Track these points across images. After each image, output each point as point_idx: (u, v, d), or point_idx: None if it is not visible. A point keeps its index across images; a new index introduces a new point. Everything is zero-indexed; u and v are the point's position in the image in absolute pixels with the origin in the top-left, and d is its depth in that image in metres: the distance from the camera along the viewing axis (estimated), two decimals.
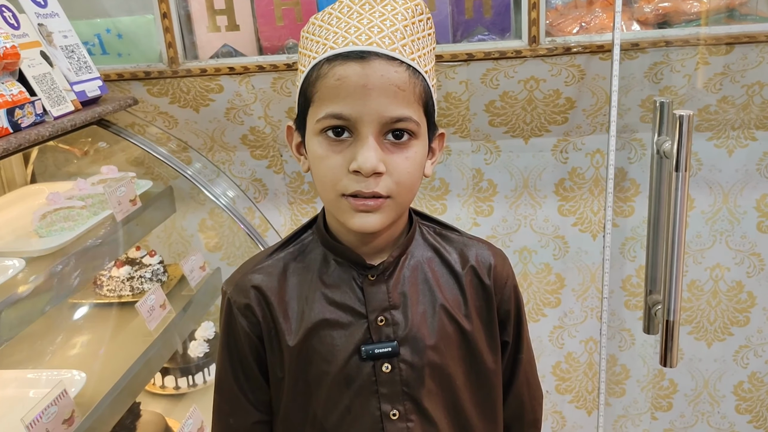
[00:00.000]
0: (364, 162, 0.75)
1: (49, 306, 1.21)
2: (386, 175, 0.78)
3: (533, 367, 1.01)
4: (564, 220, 1.86)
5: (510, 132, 1.76)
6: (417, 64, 0.79)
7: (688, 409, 1.99)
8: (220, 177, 1.88)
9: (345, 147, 0.78)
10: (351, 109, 0.76)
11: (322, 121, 0.78)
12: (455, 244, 0.93)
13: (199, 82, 1.66)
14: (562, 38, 1.54)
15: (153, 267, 1.63)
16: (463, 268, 0.91)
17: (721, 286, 1.87)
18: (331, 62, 0.77)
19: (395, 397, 0.87)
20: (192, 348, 1.72)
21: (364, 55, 0.76)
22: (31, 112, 1.29)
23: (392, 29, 0.78)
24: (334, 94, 0.77)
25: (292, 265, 0.90)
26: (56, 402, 1.06)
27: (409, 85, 0.77)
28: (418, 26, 0.81)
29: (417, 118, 0.79)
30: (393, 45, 0.77)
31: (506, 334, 0.95)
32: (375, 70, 0.75)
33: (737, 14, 1.55)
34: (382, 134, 0.78)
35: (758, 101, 1.65)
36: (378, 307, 0.86)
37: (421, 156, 0.82)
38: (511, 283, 0.94)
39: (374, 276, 0.87)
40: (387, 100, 0.76)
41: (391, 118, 0.76)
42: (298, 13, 1.59)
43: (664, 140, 1.41)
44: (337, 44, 0.77)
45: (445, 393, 0.90)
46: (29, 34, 1.40)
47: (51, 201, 1.37)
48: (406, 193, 0.81)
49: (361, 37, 0.76)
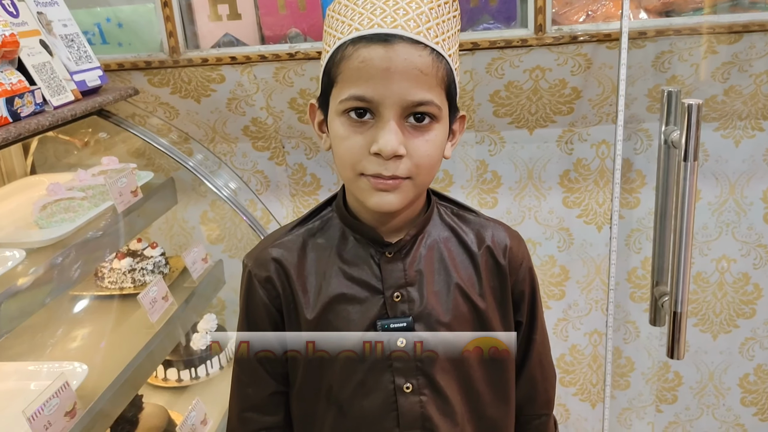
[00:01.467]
0: (385, 145, 0.77)
1: (49, 298, 1.19)
2: (406, 158, 0.79)
3: (547, 348, 1.02)
4: (569, 212, 1.84)
5: (515, 123, 1.74)
6: (441, 48, 0.79)
7: (693, 402, 1.98)
8: (221, 168, 1.86)
9: (367, 128, 0.79)
10: (373, 91, 0.77)
11: (344, 102, 0.79)
12: (472, 225, 0.94)
13: (201, 72, 1.64)
14: (568, 27, 1.52)
15: (155, 259, 1.61)
16: (479, 248, 0.92)
17: (727, 278, 1.86)
18: (356, 44, 0.78)
19: (409, 371, 0.89)
20: (194, 340, 1.70)
21: (389, 38, 0.76)
22: (31, 102, 1.27)
23: (417, 12, 0.78)
24: (357, 76, 0.77)
25: (311, 240, 0.92)
26: (58, 394, 1.05)
27: (432, 69, 0.78)
28: (443, 8, 0.81)
29: (439, 101, 0.79)
30: (418, 28, 0.77)
31: (520, 315, 0.96)
32: (399, 54, 0.76)
33: (745, 2, 1.53)
34: (404, 117, 0.79)
35: (766, 91, 1.63)
36: (394, 283, 0.88)
37: (442, 139, 0.82)
38: (526, 264, 0.95)
39: (391, 253, 0.88)
40: (409, 84, 0.77)
41: (413, 102, 0.77)
42: (301, 1, 1.57)
43: (672, 130, 1.39)
44: (362, 26, 0.78)
45: (458, 370, 0.91)
46: (28, 22, 1.38)
47: (51, 192, 1.36)
48: (425, 175, 0.82)
49: (386, 20, 0.77)
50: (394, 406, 0.89)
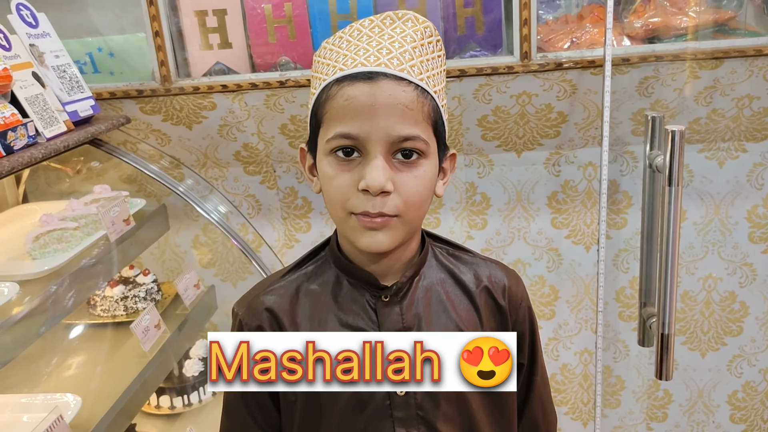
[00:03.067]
0: (372, 180, 0.76)
1: (44, 328, 1.19)
2: (394, 194, 0.78)
3: (548, 388, 1.01)
4: (557, 233, 1.87)
5: (503, 146, 1.77)
6: (426, 84, 0.80)
7: (683, 420, 2.00)
8: (213, 193, 1.87)
9: (354, 166, 0.79)
10: (359, 128, 0.77)
11: (331, 141, 0.79)
12: (468, 265, 0.93)
13: (192, 99, 1.66)
14: (553, 54, 1.55)
15: (147, 286, 1.62)
16: (477, 288, 0.91)
17: (714, 297, 1.89)
18: (340, 83, 0.78)
19: (410, 420, 0.86)
20: (187, 367, 1.70)
21: (372, 75, 0.77)
22: (24, 135, 1.28)
23: (401, 50, 0.79)
24: (342, 114, 0.78)
25: (305, 286, 0.90)
26: (52, 428, 1.05)
27: (417, 104, 0.78)
28: (427, 48, 0.82)
29: (425, 137, 0.79)
30: (401, 66, 0.78)
31: (521, 356, 0.94)
32: (383, 90, 0.76)
33: (726, 29, 1.57)
34: (391, 153, 0.78)
35: (748, 114, 1.67)
36: (392, 328, 0.86)
37: (431, 175, 0.82)
38: (525, 305, 0.94)
39: (387, 297, 0.87)
40: (395, 119, 0.77)
41: (399, 137, 0.77)
42: (291, 30, 1.60)
43: (657, 155, 1.42)
44: (346, 66, 0.79)
45: (462, 416, 0.89)
46: (21, 54, 1.39)
47: (44, 222, 1.36)
48: (414, 212, 0.81)
49: (369, 59, 0.78)
50: None
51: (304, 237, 1.93)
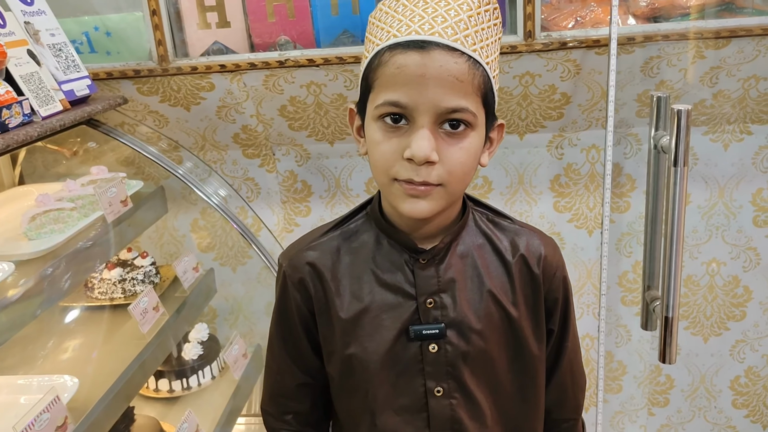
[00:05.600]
0: (418, 150, 0.77)
1: (40, 310, 1.18)
2: (439, 164, 0.79)
3: (578, 355, 1.03)
4: (560, 217, 1.85)
5: (505, 128, 1.74)
6: (478, 55, 0.79)
7: (684, 405, 1.99)
8: (211, 176, 1.85)
9: (401, 134, 0.79)
10: (408, 97, 0.77)
11: (380, 108, 0.80)
12: (507, 232, 0.94)
13: (190, 80, 1.64)
14: (557, 33, 1.53)
15: (145, 269, 1.60)
16: (513, 257, 0.92)
17: (717, 281, 1.87)
18: (393, 50, 0.78)
19: (440, 375, 0.90)
20: (186, 350, 1.69)
21: (425, 45, 0.77)
22: (19, 113, 1.26)
23: (456, 19, 0.78)
24: (392, 82, 0.78)
25: (346, 244, 0.93)
26: (49, 408, 1.04)
27: (468, 76, 0.78)
28: (483, 16, 0.81)
29: (474, 109, 0.79)
30: (455, 35, 0.77)
31: (552, 323, 0.96)
32: (434, 60, 0.76)
33: (733, 7, 1.54)
34: (438, 123, 0.79)
35: (754, 95, 1.64)
36: (427, 290, 0.89)
37: (476, 146, 0.82)
38: (560, 274, 0.95)
39: (425, 260, 0.89)
40: (444, 91, 0.77)
41: (447, 109, 0.77)
42: (290, 9, 1.57)
43: (662, 135, 1.40)
44: (400, 32, 0.79)
45: (488, 376, 0.92)
46: (15, 32, 1.37)
47: (40, 203, 1.34)
48: (457, 183, 0.82)
49: (423, 27, 0.77)
50: (425, 408, 0.91)
51: (304, 221, 1.91)
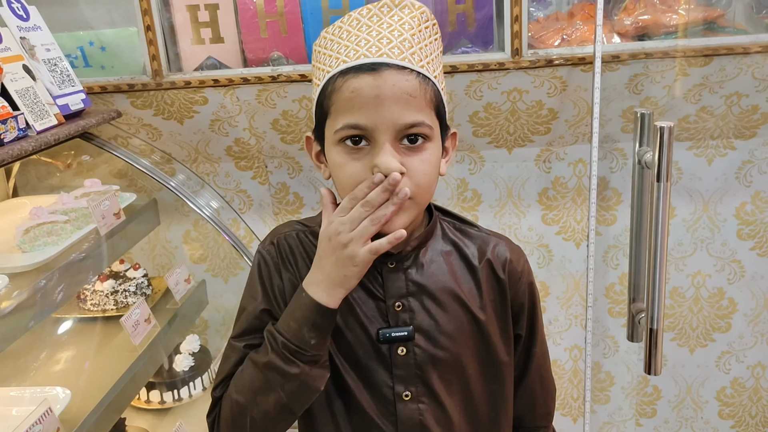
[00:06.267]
0: (387, 167, 0.79)
1: (33, 322, 1.19)
2: (405, 178, 0.81)
3: (547, 360, 1.04)
4: (548, 229, 1.87)
5: (494, 142, 1.78)
6: (426, 71, 0.82)
7: (672, 415, 2.01)
8: (204, 188, 1.87)
9: (364, 155, 0.82)
10: (366, 119, 0.80)
11: (339, 132, 0.82)
12: (474, 239, 0.97)
13: (184, 94, 1.66)
14: (544, 50, 1.56)
15: (137, 280, 1.61)
16: (480, 262, 0.95)
17: (702, 293, 1.90)
18: (345, 75, 0.81)
19: (408, 379, 0.91)
20: (177, 362, 1.70)
21: (376, 66, 0.80)
22: (14, 127, 1.28)
23: (401, 39, 0.81)
24: (349, 106, 0.81)
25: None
26: (41, 420, 1.05)
27: (420, 92, 0.81)
28: (425, 33, 0.84)
29: (430, 121, 0.83)
30: (402, 54, 0.81)
31: (519, 327, 0.98)
32: (386, 81, 0.79)
33: (715, 27, 1.58)
34: (398, 140, 0.82)
35: (736, 111, 1.68)
36: (396, 293, 0.91)
37: (436, 157, 0.85)
38: (526, 279, 0.98)
39: (393, 264, 0.91)
40: (400, 108, 0.80)
41: (405, 125, 0.81)
42: (283, 25, 1.60)
43: (646, 151, 1.43)
44: (349, 57, 0.81)
45: (457, 380, 0.94)
46: (11, 47, 1.39)
47: (34, 215, 1.36)
48: (424, 193, 0.85)
49: (371, 50, 0.81)
50: (392, 412, 0.92)
51: None
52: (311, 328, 0.84)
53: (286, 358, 0.84)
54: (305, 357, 0.84)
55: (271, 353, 0.85)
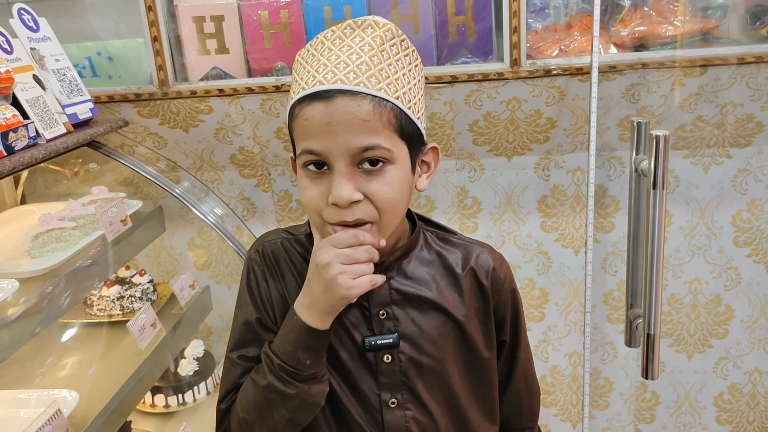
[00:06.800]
0: (339, 195, 0.80)
1: (41, 327, 1.22)
2: (365, 202, 0.82)
3: (531, 364, 1.06)
4: (547, 236, 1.90)
5: (493, 151, 1.81)
6: (384, 93, 0.82)
7: (670, 421, 2.03)
8: (208, 196, 1.90)
9: (324, 179, 0.83)
10: (320, 145, 0.81)
11: (301, 157, 0.84)
12: (457, 248, 0.98)
13: (189, 103, 1.69)
14: (542, 61, 1.59)
15: (143, 286, 1.64)
16: (463, 270, 0.96)
17: (699, 300, 1.92)
18: (301, 103, 0.83)
19: (394, 386, 0.93)
20: (182, 366, 1.73)
21: (329, 94, 0.81)
22: (25, 135, 1.31)
23: (357, 62, 0.81)
24: (305, 133, 0.83)
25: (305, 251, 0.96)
26: (50, 421, 1.07)
27: (374, 115, 0.81)
28: (388, 52, 0.84)
29: (388, 144, 0.82)
30: (357, 79, 0.81)
31: (503, 333, 1.00)
32: (337, 108, 0.80)
33: (710, 38, 1.61)
34: (355, 164, 0.82)
35: (732, 120, 1.71)
36: (380, 301, 0.92)
37: (399, 178, 0.85)
38: (508, 286, 0.99)
39: (377, 273, 0.91)
40: (352, 133, 0.80)
41: (358, 148, 0.81)
42: (286, 36, 1.63)
43: (642, 159, 1.46)
44: (308, 85, 0.82)
45: (443, 387, 0.95)
46: (22, 58, 1.42)
47: (43, 222, 1.39)
48: (390, 216, 0.85)
49: (327, 76, 0.81)
50: (379, 419, 0.93)
51: None
52: (305, 349, 0.86)
53: (284, 379, 0.87)
54: (303, 377, 0.87)
55: (269, 375, 0.88)
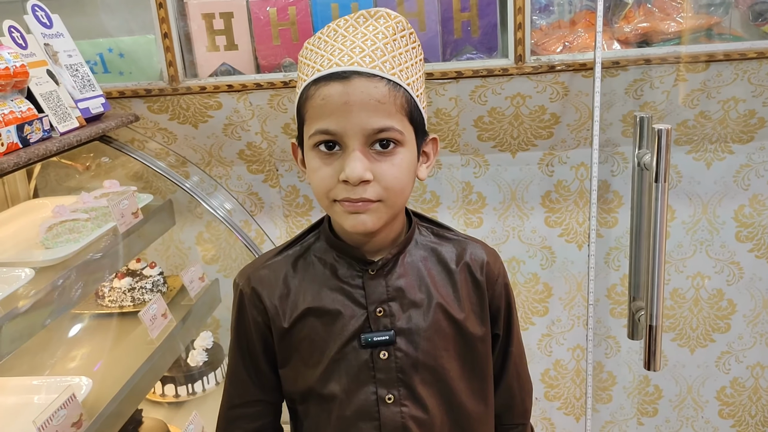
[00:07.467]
0: (351, 172, 0.83)
1: (54, 316, 1.24)
2: (375, 182, 0.85)
3: (523, 360, 1.08)
4: (551, 231, 1.92)
5: (498, 146, 1.83)
6: (398, 78, 0.85)
7: (672, 415, 2.05)
8: (217, 190, 1.93)
9: (335, 159, 0.85)
10: (336, 124, 0.83)
11: (313, 137, 0.86)
12: (451, 243, 1.01)
13: (199, 99, 1.72)
14: (546, 57, 1.61)
15: (153, 278, 1.67)
16: (458, 265, 0.98)
17: (702, 294, 1.94)
18: (318, 84, 0.85)
19: (391, 382, 0.94)
20: (191, 357, 1.76)
21: (346, 74, 0.83)
22: (39, 128, 1.34)
23: (373, 48, 0.85)
24: (321, 113, 0.85)
25: (299, 261, 0.99)
26: (65, 405, 1.10)
27: (389, 98, 0.84)
28: (399, 42, 0.87)
29: (400, 127, 0.85)
30: (373, 63, 0.84)
31: (497, 328, 1.02)
32: (355, 88, 0.83)
33: (712, 34, 1.63)
34: (368, 145, 0.85)
35: (734, 116, 1.73)
36: (377, 299, 0.94)
37: (408, 162, 0.88)
38: (502, 281, 1.01)
39: (374, 271, 0.94)
40: (368, 114, 0.83)
41: (373, 130, 0.84)
42: (294, 32, 1.66)
43: (645, 153, 1.48)
44: (323, 66, 0.85)
45: (439, 383, 0.96)
46: (36, 53, 1.46)
47: (57, 213, 1.42)
48: (395, 197, 0.88)
49: (343, 59, 0.84)
50: (376, 416, 0.94)
51: None
52: None
53: None
54: None
55: None
